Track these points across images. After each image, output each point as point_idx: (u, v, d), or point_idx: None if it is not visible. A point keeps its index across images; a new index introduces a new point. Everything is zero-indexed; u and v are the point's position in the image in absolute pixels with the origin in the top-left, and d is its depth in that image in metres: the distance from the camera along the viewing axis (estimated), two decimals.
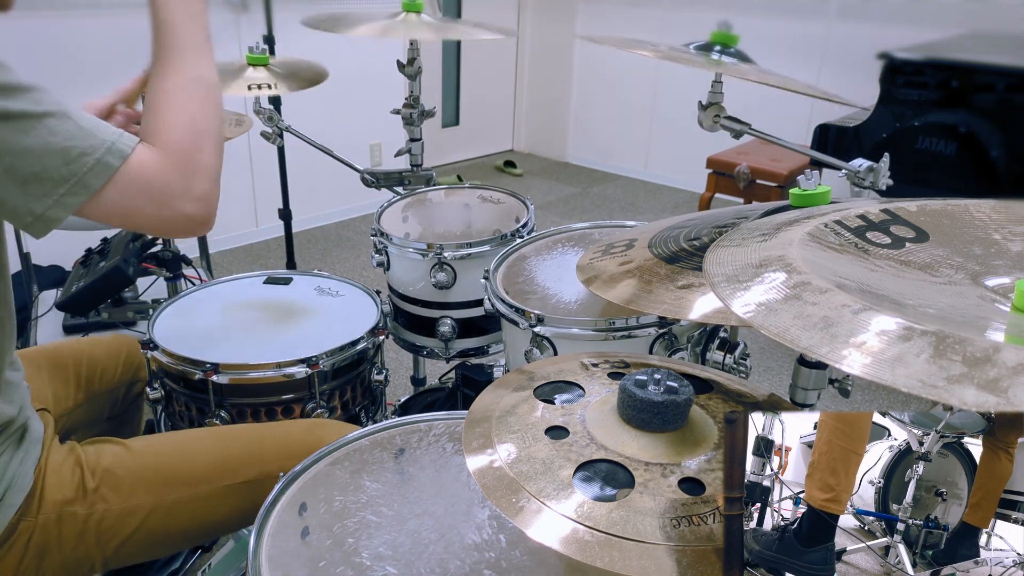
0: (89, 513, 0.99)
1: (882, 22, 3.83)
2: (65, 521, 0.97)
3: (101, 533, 0.99)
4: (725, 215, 1.11)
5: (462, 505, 0.86)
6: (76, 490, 0.99)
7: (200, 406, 1.23)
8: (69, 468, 1.00)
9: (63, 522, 0.97)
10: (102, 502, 0.99)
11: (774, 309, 0.54)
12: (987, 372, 0.43)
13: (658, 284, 0.91)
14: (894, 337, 0.47)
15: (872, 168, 1.22)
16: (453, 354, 1.59)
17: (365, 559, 0.78)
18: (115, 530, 1.00)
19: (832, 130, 2.69)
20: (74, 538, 0.98)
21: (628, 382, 0.71)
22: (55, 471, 0.99)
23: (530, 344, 1.16)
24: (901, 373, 0.45)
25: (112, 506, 1.00)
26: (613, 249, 1.07)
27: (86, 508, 0.99)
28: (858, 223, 0.70)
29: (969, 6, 3.56)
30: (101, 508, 0.99)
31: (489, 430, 0.73)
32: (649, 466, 0.67)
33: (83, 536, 0.98)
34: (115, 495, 1.00)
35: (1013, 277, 0.61)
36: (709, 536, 0.61)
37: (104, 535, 1.00)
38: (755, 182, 3.33)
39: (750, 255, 0.64)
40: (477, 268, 1.44)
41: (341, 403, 1.30)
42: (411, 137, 1.94)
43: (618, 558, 0.58)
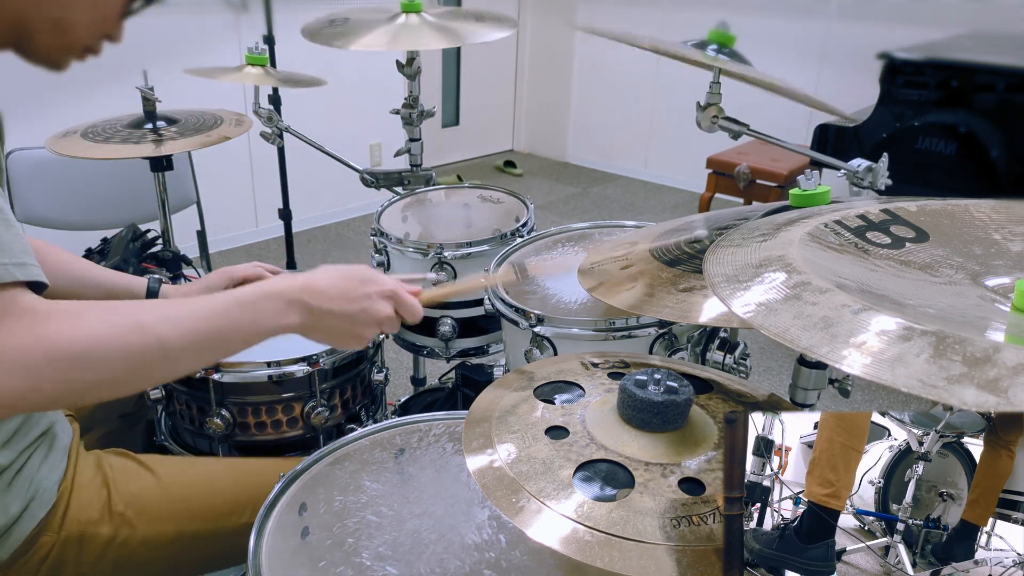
0: (113, 536, 0.97)
1: (882, 22, 3.83)
2: (87, 541, 0.96)
3: (119, 558, 0.98)
4: (725, 216, 1.11)
5: (462, 505, 0.86)
6: (102, 510, 0.97)
7: (201, 405, 1.23)
8: (96, 487, 0.99)
9: (84, 542, 0.96)
10: (127, 527, 0.98)
11: (774, 309, 0.54)
12: (987, 372, 0.43)
13: (660, 288, 0.91)
14: (894, 337, 0.48)
15: (871, 168, 1.22)
16: (453, 354, 1.59)
17: (365, 559, 0.78)
18: (133, 557, 0.98)
19: (832, 130, 2.69)
20: (92, 560, 0.96)
21: (628, 382, 0.71)
22: (82, 488, 0.98)
23: (530, 344, 1.16)
24: (901, 373, 0.45)
25: (137, 532, 0.98)
26: (614, 252, 1.07)
27: (111, 530, 0.97)
28: (858, 223, 0.70)
29: (969, 6, 3.56)
30: (125, 533, 0.98)
31: (489, 430, 0.73)
32: (649, 466, 0.67)
33: (101, 559, 0.97)
34: (141, 521, 0.99)
35: (1013, 277, 0.61)
36: (709, 536, 0.61)
37: (122, 560, 0.98)
38: (755, 182, 3.33)
39: (750, 255, 0.64)
40: (477, 268, 1.44)
41: (341, 402, 1.30)
42: (411, 137, 1.93)
43: (618, 558, 0.58)
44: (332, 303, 0.84)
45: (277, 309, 0.82)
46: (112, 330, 0.73)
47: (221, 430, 1.20)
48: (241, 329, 0.81)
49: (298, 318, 0.83)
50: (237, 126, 1.65)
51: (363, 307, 0.86)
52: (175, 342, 0.76)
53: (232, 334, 0.80)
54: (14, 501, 0.91)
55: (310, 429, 1.26)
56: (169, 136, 1.59)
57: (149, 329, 0.74)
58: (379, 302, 0.87)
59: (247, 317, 0.81)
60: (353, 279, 0.87)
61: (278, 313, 0.82)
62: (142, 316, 0.75)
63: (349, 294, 0.86)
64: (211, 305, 0.80)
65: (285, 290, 0.83)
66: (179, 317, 0.77)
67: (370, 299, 0.86)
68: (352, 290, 0.86)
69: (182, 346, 0.77)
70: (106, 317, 0.74)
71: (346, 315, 0.86)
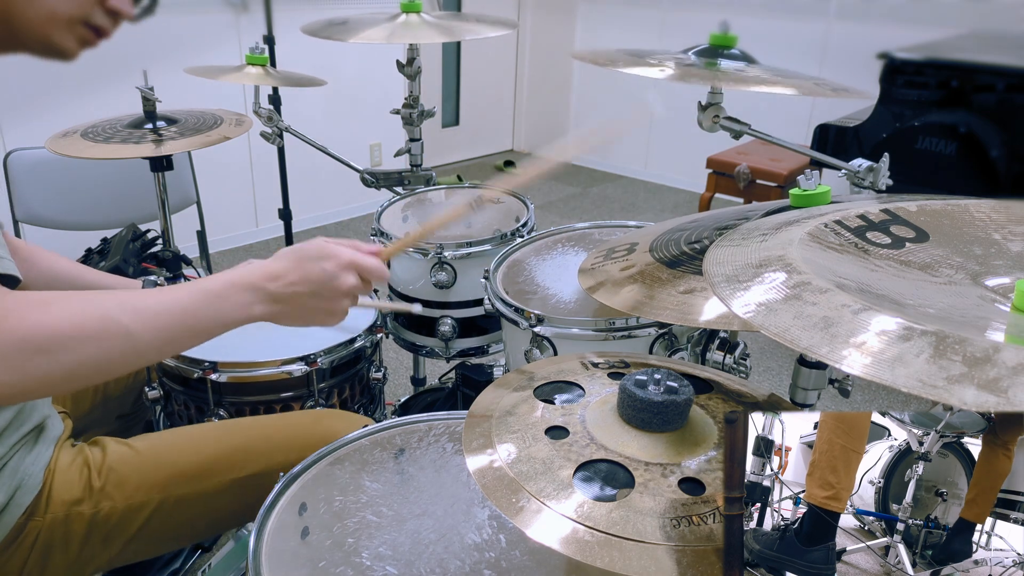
0: (95, 511, 0.98)
1: (882, 22, 3.83)
2: (72, 520, 0.97)
3: (108, 531, 0.99)
4: (726, 216, 1.11)
5: (462, 505, 0.86)
6: (83, 490, 0.99)
7: (199, 405, 1.23)
8: (77, 468, 1.00)
9: (70, 521, 0.97)
10: (107, 500, 0.99)
11: (774, 309, 0.54)
12: (987, 372, 0.43)
13: (661, 290, 0.91)
14: (894, 337, 0.47)
15: (872, 168, 1.22)
16: (453, 354, 1.59)
17: (365, 559, 0.78)
18: (121, 528, 1.00)
19: (832, 130, 2.69)
20: (81, 537, 0.98)
21: (628, 382, 0.71)
22: (63, 471, 0.99)
23: (530, 344, 1.16)
24: (901, 373, 0.45)
25: (118, 504, 0.99)
26: (615, 254, 1.07)
27: (92, 507, 0.98)
28: (858, 223, 0.70)
29: (969, 6, 3.56)
30: (107, 506, 0.99)
31: (489, 430, 0.73)
32: (649, 466, 0.67)
33: (90, 535, 0.98)
34: (120, 493, 1.00)
35: (1013, 277, 0.61)
36: (709, 536, 0.61)
37: (111, 533, 0.99)
38: (755, 182, 3.33)
39: (750, 255, 0.64)
40: (477, 268, 1.44)
41: (340, 401, 1.30)
42: (411, 137, 1.93)
43: (618, 558, 0.58)
44: (293, 286, 0.85)
45: (241, 300, 0.83)
46: (77, 320, 0.74)
47: None
48: (206, 320, 0.82)
49: (264, 307, 0.85)
50: (237, 126, 1.65)
51: (325, 283, 0.87)
52: (141, 333, 0.77)
53: (197, 324, 0.82)
54: (1, 491, 0.92)
55: None
56: (169, 136, 1.59)
57: (115, 319, 0.76)
58: (341, 275, 0.87)
59: (213, 308, 0.82)
60: (309, 257, 0.87)
61: (243, 304, 0.83)
62: (108, 306, 0.76)
63: (308, 274, 0.86)
64: (177, 296, 0.81)
65: (245, 279, 0.84)
66: (146, 308, 0.78)
67: (329, 273, 0.87)
68: (310, 269, 0.86)
69: (148, 336, 0.78)
70: (72, 307, 0.75)
71: (311, 294, 0.86)
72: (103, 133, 1.59)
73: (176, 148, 1.56)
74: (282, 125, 1.91)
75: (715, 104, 1.15)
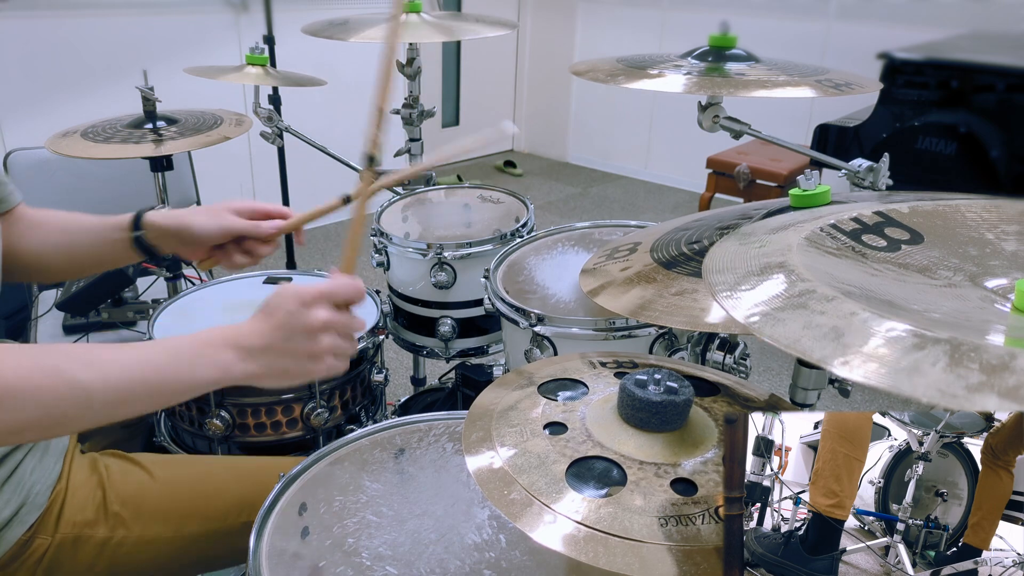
0: (109, 537, 0.97)
1: (882, 22, 3.83)
2: (82, 543, 0.96)
3: (115, 559, 0.98)
4: (729, 215, 1.11)
5: (462, 505, 0.86)
6: (97, 511, 0.97)
7: (201, 406, 1.23)
8: (91, 488, 0.99)
9: (80, 543, 0.96)
10: (123, 528, 0.98)
11: (781, 319, 0.53)
12: (1006, 380, 0.42)
13: (661, 291, 0.91)
14: (908, 346, 0.46)
15: (872, 168, 1.22)
16: (453, 354, 1.59)
17: (365, 559, 0.78)
18: (130, 558, 0.98)
19: (832, 130, 2.69)
20: (87, 561, 0.96)
21: (628, 381, 0.71)
22: (76, 489, 0.97)
23: (530, 344, 1.16)
24: (920, 383, 0.43)
25: (132, 533, 0.98)
26: (616, 256, 1.07)
27: (107, 531, 0.97)
28: (853, 226, 0.69)
29: (969, 6, 3.56)
30: (121, 534, 0.97)
31: (488, 426, 0.73)
32: (644, 465, 0.67)
33: (96, 560, 0.97)
34: (137, 523, 0.98)
35: (1011, 277, 0.61)
36: (696, 536, 0.61)
37: (118, 561, 0.98)
38: (755, 182, 3.33)
39: (751, 262, 0.64)
40: (477, 268, 1.44)
41: (341, 403, 1.30)
42: (411, 137, 1.94)
43: (603, 553, 0.59)
44: (265, 337, 0.78)
45: (213, 359, 0.77)
46: (25, 374, 0.69)
47: (221, 431, 1.20)
48: (170, 381, 0.76)
49: (242, 366, 0.78)
50: (237, 126, 1.65)
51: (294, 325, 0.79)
52: (97, 389, 0.72)
53: (161, 386, 0.76)
54: (5, 506, 0.91)
55: (310, 430, 1.26)
56: (169, 136, 1.59)
57: (67, 375, 0.71)
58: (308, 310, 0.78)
59: (178, 368, 0.76)
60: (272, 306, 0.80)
61: (214, 364, 0.77)
62: (61, 362, 0.72)
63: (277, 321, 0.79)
64: (139, 354, 0.76)
65: (216, 338, 0.78)
66: (103, 363, 0.73)
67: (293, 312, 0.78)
68: (276, 315, 0.79)
69: (104, 395, 0.73)
70: (23, 361, 0.70)
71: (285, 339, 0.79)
72: (103, 133, 1.59)
73: (176, 148, 1.56)
74: (282, 125, 1.91)
75: (715, 104, 1.15)
